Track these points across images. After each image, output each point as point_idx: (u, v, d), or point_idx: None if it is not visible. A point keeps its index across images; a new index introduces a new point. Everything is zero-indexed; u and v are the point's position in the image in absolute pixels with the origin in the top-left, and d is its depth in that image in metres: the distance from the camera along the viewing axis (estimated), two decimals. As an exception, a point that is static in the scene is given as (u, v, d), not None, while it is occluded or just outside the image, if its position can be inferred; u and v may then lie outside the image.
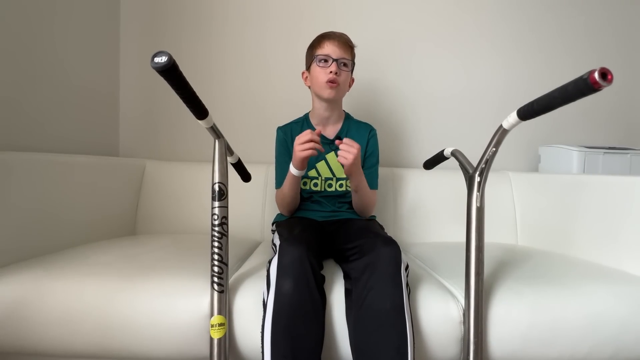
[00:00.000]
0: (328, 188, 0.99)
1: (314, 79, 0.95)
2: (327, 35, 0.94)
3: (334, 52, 0.91)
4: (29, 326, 0.66)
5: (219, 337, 0.62)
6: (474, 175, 0.68)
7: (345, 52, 0.93)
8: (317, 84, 0.94)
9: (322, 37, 0.94)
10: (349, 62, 0.94)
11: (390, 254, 0.66)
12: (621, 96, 1.48)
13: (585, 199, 0.94)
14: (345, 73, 0.93)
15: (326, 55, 0.91)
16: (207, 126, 0.65)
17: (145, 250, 0.89)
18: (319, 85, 0.93)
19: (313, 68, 0.95)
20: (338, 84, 0.92)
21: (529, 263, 0.87)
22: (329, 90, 0.92)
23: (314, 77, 0.95)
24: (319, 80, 0.92)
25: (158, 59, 0.48)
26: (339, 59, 0.91)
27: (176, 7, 1.40)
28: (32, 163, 0.83)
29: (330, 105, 0.98)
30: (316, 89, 0.95)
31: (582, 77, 0.44)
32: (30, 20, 0.99)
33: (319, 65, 0.92)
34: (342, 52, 0.92)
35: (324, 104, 0.97)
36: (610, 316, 0.67)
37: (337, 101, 0.99)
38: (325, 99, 0.95)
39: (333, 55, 0.91)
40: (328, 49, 0.91)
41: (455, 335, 0.66)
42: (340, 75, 0.92)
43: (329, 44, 0.92)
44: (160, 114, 1.42)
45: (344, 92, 0.98)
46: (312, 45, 0.97)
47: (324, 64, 0.92)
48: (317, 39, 0.95)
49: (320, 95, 0.95)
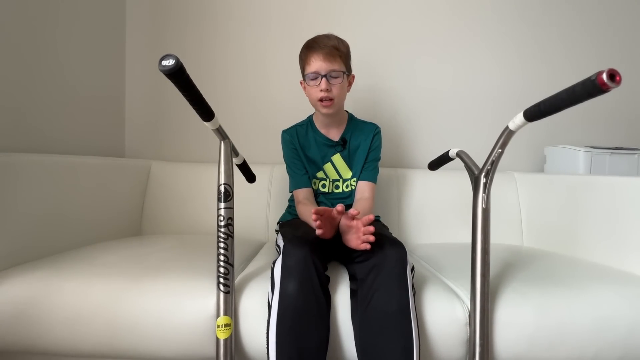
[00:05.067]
0: (335, 189, 1.00)
1: (308, 96, 0.94)
2: (311, 47, 0.89)
3: (321, 67, 0.87)
4: (37, 326, 0.67)
5: (225, 337, 0.63)
6: (479, 176, 0.67)
7: (334, 62, 0.88)
8: (312, 101, 0.93)
9: (307, 49, 0.90)
10: (340, 72, 0.89)
11: (396, 255, 0.66)
12: (626, 96, 1.46)
13: (592, 199, 0.93)
14: (337, 84, 0.89)
15: (314, 73, 0.88)
16: (213, 128, 0.65)
17: (151, 250, 0.89)
18: (313, 103, 0.93)
19: (306, 84, 0.93)
20: (332, 100, 0.89)
21: (535, 264, 0.86)
22: (324, 108, 0.91)
23: (308, 94, 0.94)
24: (313, 97, 0.92)
25: (165, 62, 0.48)
26: (327, 74, 0.87)
27: (180, 10, 1.41)
28: (38, 164, 0.84)
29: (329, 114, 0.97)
30: (313, 105, 0.95)
31: (590, 79, 0.44)
32: (39, 27, 1.00)
33: (310, 84, 0.90)
34: (329, 64, 0.87)
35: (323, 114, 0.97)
36: (617, 319, 0.67)
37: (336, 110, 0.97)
38: (323, 115, 0.95)
39: (321, 72, 0.87)
40: (315, 65, 0.87)
41: (460, 337, 0.66)
42: (332, 89, 0.88)
43: (315, 58, 0.88)
44: (165, 115, 1.43)
45: (341, 101, 0.95)
46: (300, 57, 0.94)
47: (314, 82, 0.89)
48: (304, 51, 0.91)
49: (317, 111, 0.96)
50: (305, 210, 0.90)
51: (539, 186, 1.19)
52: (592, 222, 0.93)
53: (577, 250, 0.96)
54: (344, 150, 0.99)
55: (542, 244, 1.12)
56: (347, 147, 0.99)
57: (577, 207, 0.98)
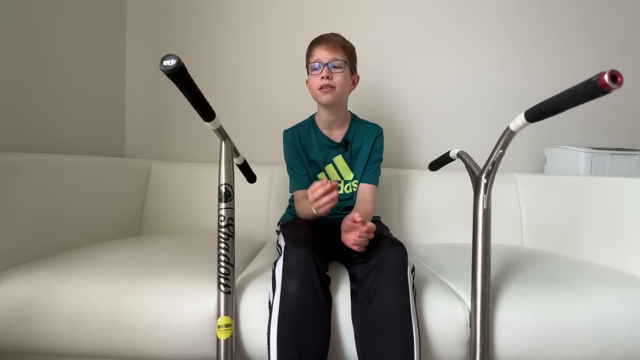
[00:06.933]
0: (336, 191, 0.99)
1: (310, 88, 0.94)
2: (316, 40, 0.92)
3: (324, 56, 0.89)
4: (37, 326, 0.67)
5: (225, 338, 0.63)
6: (480, 177, 0.67)
7: (336, 53, 0.89)
8: (313, 91, 0.93)
9: (312, 43, 0.93)
10: (342, 62, 0.90)
11: (396, 256, 0.66)
12: (627, 97, 1.46)
13: (592, 200, 0.93)
14: (339, 74, 0.89)
15: (316, 61, 0.89)
16: (214, 128, 0.65)
17: (151, 250, 0.89)
18: (315, 93, 0.93)
19: (309, 77, 0.94)
20: (333, 88, 0.89)
21: (536, 265, 0.86)
22: (324, 95, 0.90)
23: (310, 86, 0.94)
24: (314, 87, 0.91)
25: (167, 62, 0.48)
26: (329, 62, 0.88)
27: (181, 10, 1.41)
28: (39, 164, 0.84)
29: (332, 110, 0.96)
30: (314, 96, 0.94)
31: (591, 80, 0.44)
32: (40, 27, 1.00)
33: (312, 73, 0.91)
34: (332, 54, 0.89)
35: (325, 108, 0.96)
36: (618, 319, 0.67)
37: (339, 104, 0.96)
38: (323, 104, 0.95)
39: (323, 60, 0.88)
40: (318, 55, 0.90)
41: (461, 338, 0.66)
42: (333, 77, 0.89)
43: (318, 49, 0.90)
44: (165, 115, 1.43)
45: (344, 93, 0.94)
46: (306, 54, 0.95)
47: (316, 71, 0.90)
48: (309, 47, 0.94)
49: (318, 101, 0.95)
50: (304, 204, 0.89)
51: (539, 187, 1.19)
52: (593, 222, 0.93)
53: (578, 251, 0.96)
54: (345, 152, 0.99)
55: (543, 245, 1.12)
56: (349, 148, 0.99)
57: (578, 207, 0.98)
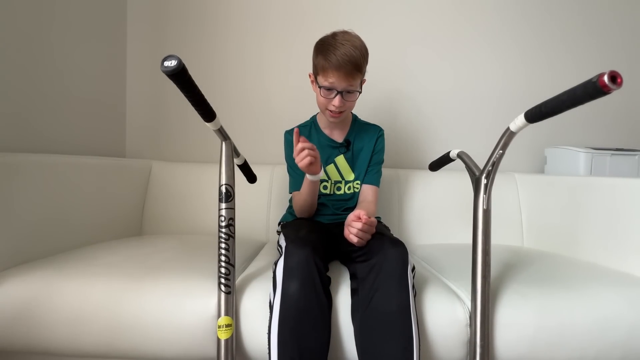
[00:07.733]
0: (337, 191, 0.99)
1: (318, 101, 0.91)
2: (330, 59, 0.81)
3: (339, 82, 0.82)
4: (37, 326, 0.67)
5: (226, 338, 0.63)
6: (480, 177, 0.67)
7: (352, 80, 0.83)
8: (320, 107, 0.92)
9: (326, 58, 0.82)
10: (356, 91, 0.86)
11: (397, 256, 0.66)
12: (627, 97, 1.46)
13: (592, 200, 0.93)
14: (351, 100, 0.87)
15: (330, 85, 0.84)
16: (215, 128, 0.65)
17: (152, 251, 0.89)
18: (322, 108, 0.92)
19: (317, 89, 0.89)
20: (341, 112, 0.88)
21: (536, 265, 0.86)
22: (332, 118, 0.90)
23: (317, 100, 0.91)
24: (322, 105, 0.90)
25: (168, 62, 0.48)
26: (343, 90, 0.84)
27: (181, 12, 1.42)
28: (39, 164, 0.84)
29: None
30: (319, 107, 0.93)
31: (591, 81, 0.44)
32: (40, 28, 1.01)
33: (322, 94, 0.86)
34: (347, 82, 0.82)
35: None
36: (618, 320, 0.67)
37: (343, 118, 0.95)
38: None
39: (337, 87, 0.83)
40: (332, 78, 0.82)
41: (461, 338, 0.66)
42: (344, 103, 0.86)
43: (333, 74, 0.81)
44: (166, 115, 1.43)
45: (350, 111, 0.94)
46: (316, 56, 0.86)
47: (328, 93, 0.85)
48: (321, 58, 0.83)
49: (323, 114, 0.95)
50: (299, 194, 0.92)
51: (539, 187, 1.19)
52: (593, 223, 0.93)
53: (578, 251, 0.96)
54: (347, 152, 0.99)
55: (543, 245, 1.12)
56: (350, 148, 0.99)
57: (578, 208, 0.98)
